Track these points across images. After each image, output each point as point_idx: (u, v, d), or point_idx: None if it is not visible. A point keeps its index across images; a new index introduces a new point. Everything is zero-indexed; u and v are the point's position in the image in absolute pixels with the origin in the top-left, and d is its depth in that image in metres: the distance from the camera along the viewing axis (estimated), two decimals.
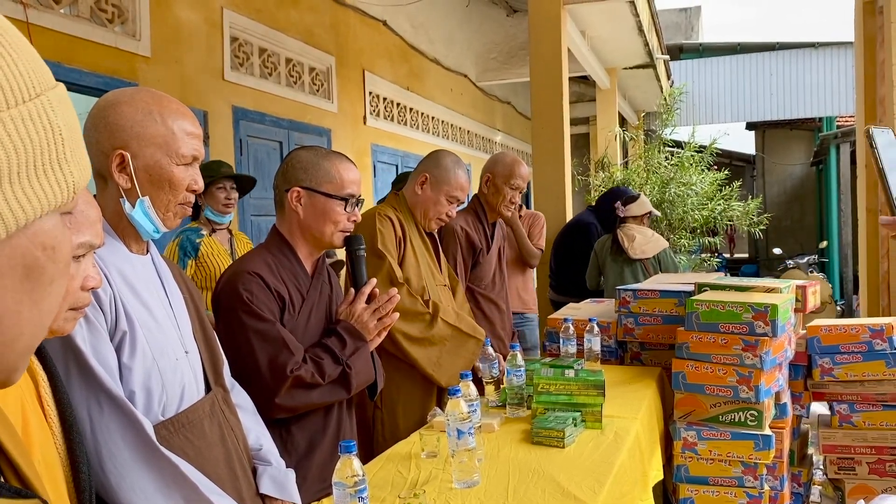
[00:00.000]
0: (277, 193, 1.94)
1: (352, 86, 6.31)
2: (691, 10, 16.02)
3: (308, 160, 1.89)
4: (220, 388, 1.49)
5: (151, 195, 1.34)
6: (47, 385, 1.11)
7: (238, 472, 1.45)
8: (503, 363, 2.51)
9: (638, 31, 7.68)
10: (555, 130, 5.77)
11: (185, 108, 1.41)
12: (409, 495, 1.51)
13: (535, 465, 1.78)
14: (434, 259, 2.60)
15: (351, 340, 1.84)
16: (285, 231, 1.91)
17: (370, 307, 1.91)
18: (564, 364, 2.32)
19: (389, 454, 1.93)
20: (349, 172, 1.91)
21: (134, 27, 3.94)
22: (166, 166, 1.34)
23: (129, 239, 1.37)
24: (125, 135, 1.32)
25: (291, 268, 1.87)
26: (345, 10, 6.18)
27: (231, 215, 3.45)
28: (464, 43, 8.84)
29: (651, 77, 9.77)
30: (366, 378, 1.89)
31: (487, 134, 10.14)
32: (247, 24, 4.89)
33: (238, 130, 4.77)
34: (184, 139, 1.36)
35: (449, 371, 2.38)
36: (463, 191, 2.56)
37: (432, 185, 2.53)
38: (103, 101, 1.36)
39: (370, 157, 6.60)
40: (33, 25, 3.30)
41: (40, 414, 1.08)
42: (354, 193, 1.90)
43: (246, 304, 1.73)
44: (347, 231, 1.92)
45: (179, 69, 4.28)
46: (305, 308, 1.85)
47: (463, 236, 2.97)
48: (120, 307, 1.27)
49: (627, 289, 2.94)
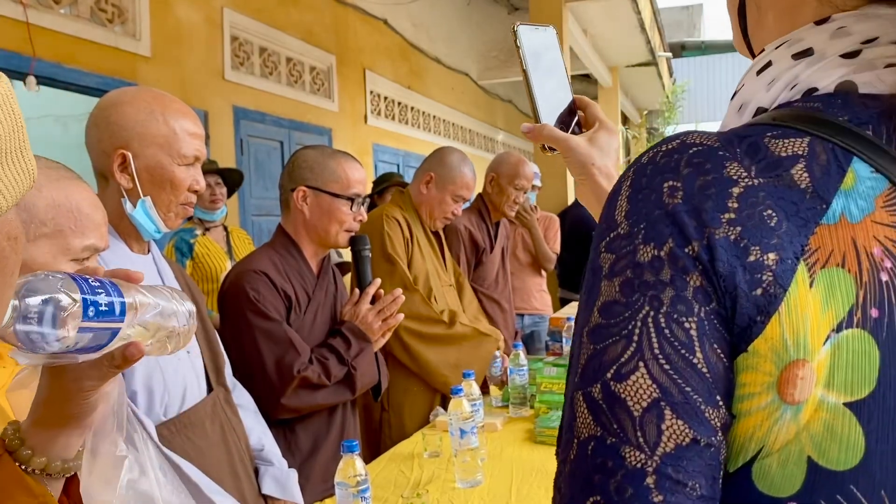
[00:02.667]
0: (283, 193, 1.93)
1: (352, 85, 6.30)
2: (693, 7, 16.01)
3: (314, 159, 1.88)
4: (222, 388, 1.49)
5: (153, 195, 1.34)
6: None
7: (240, 472, 1.45)
8: (507, 362, 2.50)
9: (640, 29, 7.67)
10: None
11: (186, 108, 1.40)
12: (413, 495, 1.51)
13: (539, 465, 1.77)
14: (440, 258, 2.58)
15: (356, 341, 1.83)
16: (291, 230, 1.91)
17: (375, 308, 1.90)
18: (567, 363, 2.31)
19: (392, 454, 1.93)
20: (355, 172, 1.90)
21: (134, 27, 3.93)
22: (168, 166, 1.33)
23: (130, 239, 1.36)
24: (127, 134, 1.31)
25: (297, 267, 1.86)
26: (345, 9, 6.17)
27: (222, 211, 3.41)
28: (465, 41, 8.83)
29: (653, 75, 9.76)
30: (370, 379, 1.88)
31: (489, 133, 10.13)
32: (247, 23, 4.88)
33: (238, 130, 4.76)
34: (185, 139, 1.35)
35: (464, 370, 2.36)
36: (469, 189, 2.54)
37: (437, 185, 2.51)
38: (105, 100, 1.36)
39: (371, 156, 6.59)
40: (33, 25, 3.29)
41: None
42: (360, 193, 1.90)
43: (253, 303, 1.73)
44: (353, 231, 1.91)
45: (179, 69, 4.27)
46: (311, 307, 1.85)
47: (466, 235, 2.96)
48: None
49: None
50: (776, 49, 0.54)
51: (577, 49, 7.19)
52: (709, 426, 0.43)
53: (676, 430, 0.42)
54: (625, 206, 0.48)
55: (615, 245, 0.47)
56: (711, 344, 0.44)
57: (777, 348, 0.43)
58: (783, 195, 0.45)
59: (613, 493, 0.42)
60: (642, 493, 0.42)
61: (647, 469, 0.42)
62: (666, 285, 0.44)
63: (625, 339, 0.44)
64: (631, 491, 0.42)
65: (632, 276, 0.45)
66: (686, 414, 0.43)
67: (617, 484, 0.42)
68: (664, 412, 0.43)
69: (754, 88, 0.55)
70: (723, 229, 0.44)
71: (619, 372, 0.44)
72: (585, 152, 0.82)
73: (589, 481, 0.43)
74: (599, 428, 0.44)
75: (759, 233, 0.44)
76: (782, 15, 0.56)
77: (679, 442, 0.42)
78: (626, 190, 0.48)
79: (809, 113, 0.49)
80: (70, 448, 0.69)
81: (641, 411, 0.43)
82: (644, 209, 0.46)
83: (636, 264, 0.45)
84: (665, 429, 0.42)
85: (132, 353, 0.61)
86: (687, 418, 0.43)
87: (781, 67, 0.53)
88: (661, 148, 0.49)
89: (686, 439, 0.42)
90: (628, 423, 0.43)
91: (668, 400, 0.43)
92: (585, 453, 0.44)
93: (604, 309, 0.46)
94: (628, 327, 0.45)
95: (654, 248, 0.45)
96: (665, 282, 0.44)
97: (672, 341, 0.43)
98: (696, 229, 0.45)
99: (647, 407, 0.43)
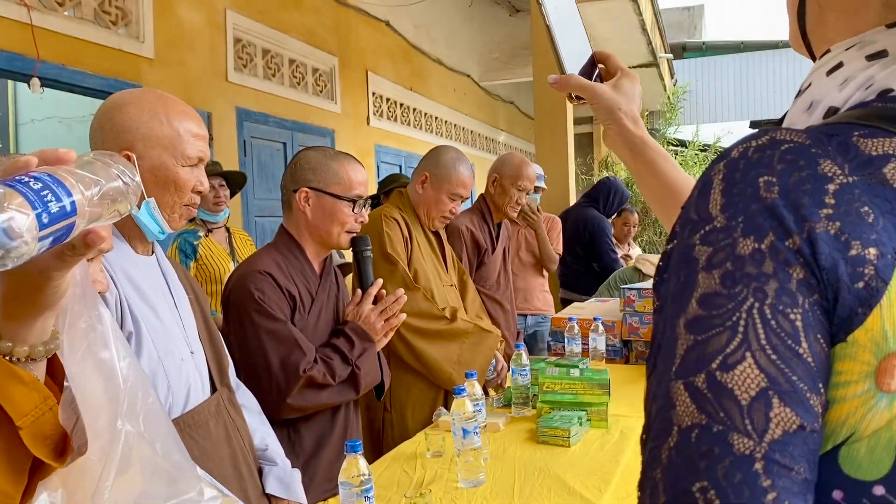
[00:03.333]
0: (285, 193, 1.94)
1: (355, 86, 6.31)
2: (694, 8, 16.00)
3: (316, 161, 1.89)
4: (226, 389, 1.49)
5: (157, 196, 1.34)
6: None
7: (244, 472, 1.45)
8: (501, 360, 2.49)
9: (641, 30, 7.67)
10: (558, 130, 5.77)
11: (190, 110, 1.40)
12: (416, 495, 1.51)
13: (541, 464, 1.78)
14: (440, 258, 2.58)
15: (359, 341, 1.84)
16: (293, 231, 1.91)
17: (377, 308, 1.91)
18: (569, 363, 2.32)
19: (395, 454, 1.94)
20: (357, 173, 1.91)
21: (137, 29, 3.95)
22: (172, 167, 1.34)
23: (134, 240, 1.37)
24: (131, 136, 1.32)
25: (301, 267, 1.87)
26: (347, 11, 6.18)
27: (225, 213, 3.43)
28: (466, 43, 8.84)
29: (654, 76, 9.76)
30: (373, 379, 1.89)
31: (491, 134, 10.14)
32: (250, 25, 4.90)
33: (242, 132, 4.77)
34: (189, 140, 1.36)
35: (469, 368, 2.35)
36: (465, 187, 2.51)
37: (433, 184, 2.49)
38: (109, 102, 1.36)
39: (374, 157, 6.60)
40: (37, 27, 3.31)
41: None
42: (362, 195, 1.91)
43: (258, 303, 1.74)
44: (354, 232, 1.92)
45: (183, 71, 4.28)
46: (315, 307, 1.86)
47: (468, 236, 2.97)
48: (126, 308, 1.27)
49: (632, 288, 2.94)
50: (846, 50, 0.56)
51: None
52: (813, 413, 0.45)
53: (784, 418, 0.44)
54: (719, 200, 0.49)
55: (712, 238, 0.48)
56: (815, 334, 0.45)
57: (877, 339, 0.45)
58: (878, 193, 0.47)
59: (721, 478, 0.43)
60: (751, 479, 0.43)
61: (755, 455, 0.44)
62: (769, 277, 0.46)
63: (730, 329, 0.46)
64: (740, 476, 0.43)
65: (732, 269, 0.47)
66: (793, 402, 0.44)
67: (725, 470, 0.44)
68: (772, 400, 0.44)
69: (825, 88, 0.56)
70: (822, 224, 0.46)
71: (725, 362, 0.45)
72: (612, 98, 0.87)
73: (694, 468, 0.45)
74: (705, 416, 0.45)
75: (858, 228, 0.46)
76: (845, 15, 0.58)
77: (786, 429, 0.44)
78: (720, 184, 0.49)
79: (891, 113, 0.50)
80: (46, 331, 0.72)
81: (749, 400, 0.44)
82: (741, 203, 0.48)
83: (737, 257, 0.47)
84: (773, 416, 0.44)
85: (92, 240, 0.63)
86: (794, 406, 0.44)
87: (855, 68, 0.55)
88: (751, 143, 0.50)
89: (793, 426, 0.44)
90: (736, 411, 0.44)
91: (776, 388, 0.44)
92: (689, 441, 0.45)
93: (704, 300, 0.47)
94: (733, 318, 0.46)
95: (755, 241, 0.46)
96: (768, 274, 0.46)
97: (778, 332, 0.45)
98: (795, 223, 0.46)
99: (756, 396, 0.44)
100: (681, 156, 8.27)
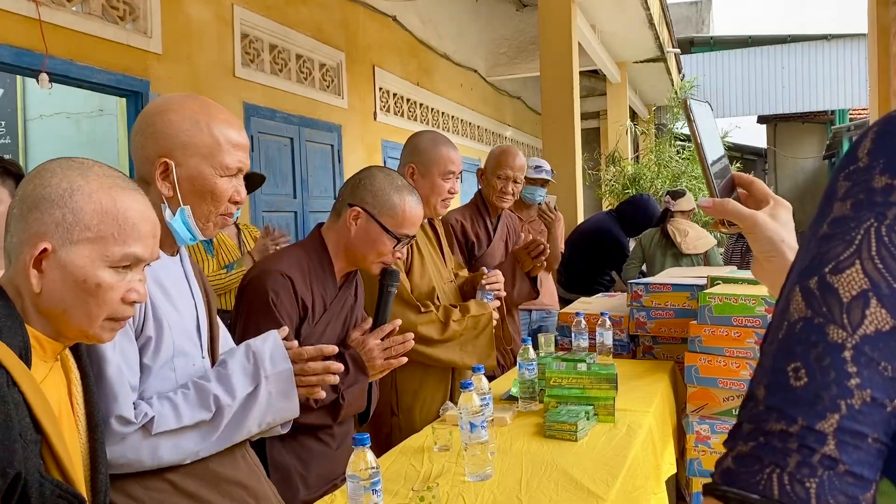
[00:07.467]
0: (339, 200, 1.92)
1: (362, 82, 6.31)
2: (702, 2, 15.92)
3: (380, 186, 1.87)
4: None
5: (193, 205, 1.32)
6: (80, 384, 1.12)
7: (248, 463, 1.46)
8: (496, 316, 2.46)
9: (648, 25, 7.65)
10: (565, 125, 5.76)
11: (233, 118, 1.38)
12: (423, 488, 1.51)
13: (548, 458, 1.78)
14: (438, 254, 2.54)
15: (354, 372, 1.80)
16: (330, 239, 1.89)
17: (382, 344, 1.85)
18: (576, 358, 2.32)
19: (402, 447, 1.94)
20: (413, 213, 1.88)
21: (145, 24, 3.96)
22: (209, 177, 1.32)
23: (163, 243, 1.37)
24: (170, 143, 1.30)
25: (322, 276, 1.85)
26: (354, 6, 6.18)
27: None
28: (473, 38, 8.82)
29: (662, 71, 9.72)
30: (355, 409, 1.86)
31: (497, 129, 10.12)
32: (257, 20, 4.90)
33: (249, 127, 4.78)
34: (229, 150, 1.34)
35: (475, 351, 2.34)
36: (454, 163, 2.42)
37: (421, 173, 2.40)
38: (153, 106, 1.35)
39: (380, 152, 6.60)
40: (45, 23, 3.32)
41: (70, 411, 1.09)
42: (409, 234, 1.89)
43: (269, 305, 1.72)
44: (387, 264, 1.90)
45: (190, 66, 4.29)
46: (325, 318, 1.83)
47: (458, 229, 2.97)
48: (149, 309, 1.28)
49: (639, 282, 2.94)
50: None
51: (586, 45, 7.17)
52: None
53: (879, 317, 0.48)
54: (868, 146, 0.54)
55: (854, 175, 0.53)
56: None
57: None
58: None
59: (813, 360, 0.49)
60: (838, 364, 0.48)
61: (846, 344, 0.49)
62: (893, 205, 0.50)
63: (846, 242, 0.51)
64: (829, 360, 0.49)
65: (863, 198, 0.52)
66: (890, 304, 0.48)
67: (817, 354, 0.49)
68: (871, 300, 0.49)
69: None
70: None
71: (836, 267, 0.51)
72: (774, 229, 0.83)
73: (791, 352, 0.51)
74: (810, 310, 0.51)
75: None
76: None
77: (879, 327, 0.48)
78: (873, 135, 0.54)
79: None
80: None
81: (850, 298, 0.49)
82: (886, 147, 0.53)
83: (870, 189, 0.52)
84: (868, 314, 0.49)
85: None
86: (890, 308, 0.48)
87: None
88: None
89: (886, 326, 0.48)
90: (836, 307, 0.50)
91: (876, 291, 0.49)
92: (793, 331, 0.51)
93: (833, 222, 0.53)
94: (851, 234, 0.51)
95: (889, 178, 0.51)
96: (893, 203, 0.50)
97: (889, 246, 0.49)
98: None
99: (856, 295, 0.49)
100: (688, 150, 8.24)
